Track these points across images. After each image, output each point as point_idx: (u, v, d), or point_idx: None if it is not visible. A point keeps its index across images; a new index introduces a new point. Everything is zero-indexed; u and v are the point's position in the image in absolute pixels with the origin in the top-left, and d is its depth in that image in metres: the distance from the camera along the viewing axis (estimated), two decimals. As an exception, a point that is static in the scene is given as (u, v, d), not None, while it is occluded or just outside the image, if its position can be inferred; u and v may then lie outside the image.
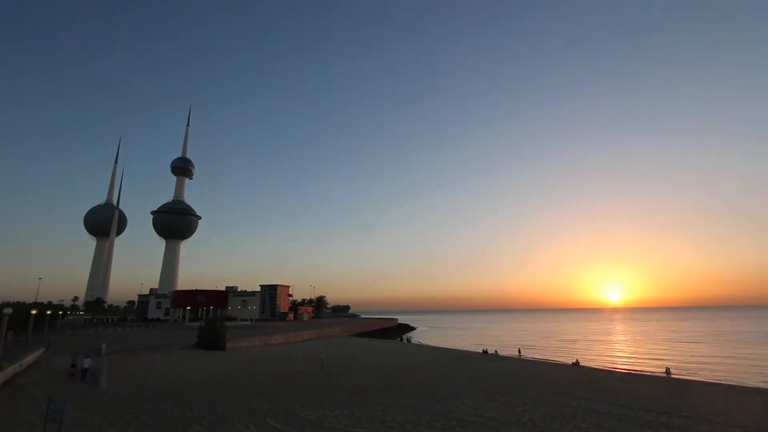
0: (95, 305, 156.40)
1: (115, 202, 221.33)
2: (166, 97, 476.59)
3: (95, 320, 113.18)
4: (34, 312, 34.31)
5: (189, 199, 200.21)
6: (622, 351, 60.20)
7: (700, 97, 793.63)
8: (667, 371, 36.06)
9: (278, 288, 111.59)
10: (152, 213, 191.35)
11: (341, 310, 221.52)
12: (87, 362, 22.08)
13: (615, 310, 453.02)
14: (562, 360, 45.73)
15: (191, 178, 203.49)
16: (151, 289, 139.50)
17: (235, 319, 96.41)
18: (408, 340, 78.27)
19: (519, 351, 52.18)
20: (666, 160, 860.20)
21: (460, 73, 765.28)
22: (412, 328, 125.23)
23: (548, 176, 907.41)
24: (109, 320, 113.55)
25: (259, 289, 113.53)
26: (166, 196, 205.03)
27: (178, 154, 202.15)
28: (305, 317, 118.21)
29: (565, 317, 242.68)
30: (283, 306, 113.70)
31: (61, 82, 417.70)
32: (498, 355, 46.24)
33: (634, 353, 55.91)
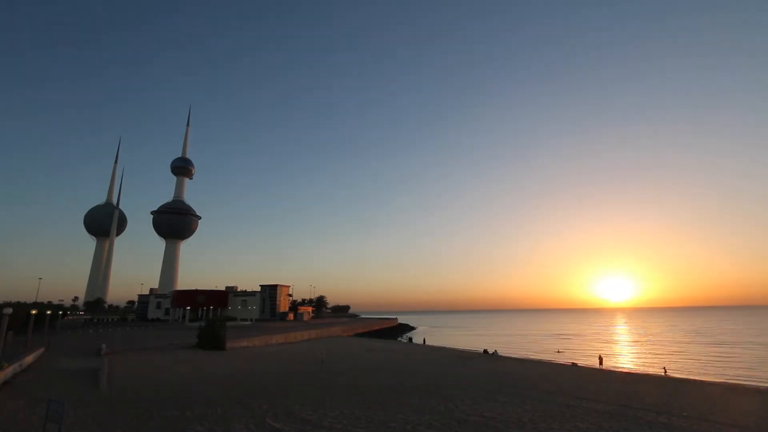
0: (95, 305, 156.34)
1: (115, 202, 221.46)
2: (166, 97, 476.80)
3: (95, 320, 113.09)
4: (34, 312, 34.26)
5: (189, 199, 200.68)
6: (622, 351, 60.29)
7: (713, 93, 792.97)
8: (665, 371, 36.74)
9: (278, 288, 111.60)
10: (152, 213, 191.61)
11: (341, 310, 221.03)
12: None
13: (616, 310, 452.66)
14: (561, 360, 45.76)
15: (191, 178, 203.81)
16: (151, 289, 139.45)
17: (235, 319, 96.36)
18: (409, 339, 78.26)
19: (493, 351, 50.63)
20: (673, 155, 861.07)
21: (459, 75, 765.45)
22: (412, 328, 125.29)
23: (549, 174, 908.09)
24: (109, 320, 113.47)
25: (259, 289, 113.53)
26: (166, 196, 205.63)
27: (178, 154, 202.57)
28: (305, 317, 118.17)
29: (565, 317, 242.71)
30: (283, 306, 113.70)
31: (61, 82, 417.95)
32: (498, 355, 46.23)
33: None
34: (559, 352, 55.39)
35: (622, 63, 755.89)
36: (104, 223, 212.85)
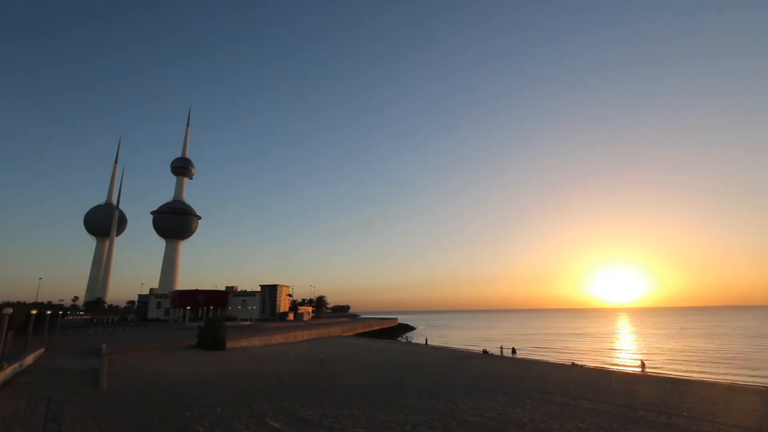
0: (95, 305, 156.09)
1: (115, 202, 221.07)
2: (165, 97, 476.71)
3: (95, 320, 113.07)
4: (34, 312, 34.23)
5: (189, 199, 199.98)
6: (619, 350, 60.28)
7: (733, 85, 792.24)
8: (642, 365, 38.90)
9: (278, 288, 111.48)
10: (152, 213, 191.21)
11: (341, 310, 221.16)
12: None
13: (623, 311, 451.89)
14: (561, 360, 45.75)
15: (191, 178, 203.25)
16: (151, 289, 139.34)
17: (235, 319, 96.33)
18: (406, 339, 78.25)
19: (512, 350, 50.23)
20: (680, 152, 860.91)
21: (459, 72, 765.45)
22: (412, 328, 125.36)
23: (550, 172, 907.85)
24: (109, 320, 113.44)
25: (259, 289, 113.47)
26: (166, 196, 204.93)
27: (178, 154, 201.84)
28: (305, 317, 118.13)
29: (565, 317, 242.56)
30: (283, 306, 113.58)
31: (61, 82, 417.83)
32: (498, 355, 46.26)
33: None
34: None
35: (634, 54, 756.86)
36: (104, 223, 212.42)
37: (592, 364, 41.52)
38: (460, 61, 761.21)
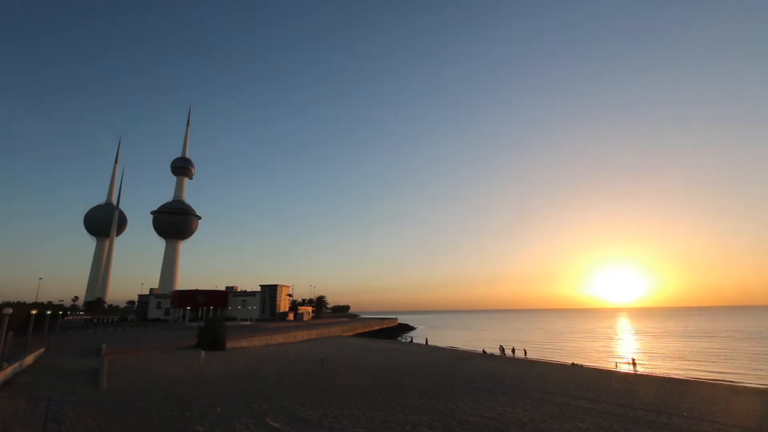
0: (95, 305, 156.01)
1: (115, 202, 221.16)
2: (166, 98, 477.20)
3: (95, 320, 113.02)
4: (34, 312, 34.24)
5: (189, 199, 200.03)
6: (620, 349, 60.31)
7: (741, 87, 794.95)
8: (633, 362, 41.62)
9: (278, 288, 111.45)
10: (152, 213, 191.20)
11: (341, 310, 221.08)
12: None
13: (617, 311, 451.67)
14: (561, 360, 45.73)
15: (191, 178, 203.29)
16: (151, 289, 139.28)
17: (235, 319, 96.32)
18: (410, 340, 78.25)
19: (513, 350, 51.63)
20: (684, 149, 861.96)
21: (459, 70, 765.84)
22: (412, 328, 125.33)
23: (550, 172, 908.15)
24: (109, 320, 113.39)
25: (259, 289, 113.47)
26: (166, 196, 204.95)
27: (178, 154, 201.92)
28: (305, 317, 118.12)
29: (565, 317, 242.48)
30: (283, 306, 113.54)
31: (61, 82, 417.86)
32: (498, 354, 46.25)
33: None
34: None
35: (636, 54, 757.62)
36: (104, 223, 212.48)
37: (592, 364, 41.49)
38: (461, 64, 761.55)
